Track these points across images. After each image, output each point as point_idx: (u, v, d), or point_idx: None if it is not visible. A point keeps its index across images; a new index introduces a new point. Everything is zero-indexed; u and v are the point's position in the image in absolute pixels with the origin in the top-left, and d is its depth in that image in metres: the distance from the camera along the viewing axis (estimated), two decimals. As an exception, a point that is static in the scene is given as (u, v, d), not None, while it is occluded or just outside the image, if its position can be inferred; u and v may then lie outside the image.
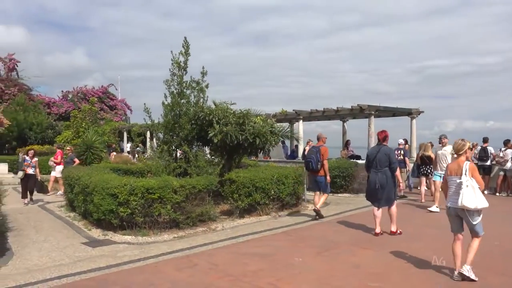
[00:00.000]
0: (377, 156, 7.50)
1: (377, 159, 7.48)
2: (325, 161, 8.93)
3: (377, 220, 7.60)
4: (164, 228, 7.74)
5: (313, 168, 8.97)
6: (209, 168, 10.53)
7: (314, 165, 8.91)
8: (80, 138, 15.68)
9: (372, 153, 7.66)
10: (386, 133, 7.77)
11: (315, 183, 9.22)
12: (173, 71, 10.67)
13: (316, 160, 8.87)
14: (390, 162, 7.44)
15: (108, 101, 36.20)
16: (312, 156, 8.97)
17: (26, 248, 6.85)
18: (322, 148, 9.01)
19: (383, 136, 7.72)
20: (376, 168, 7.51)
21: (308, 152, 9.33)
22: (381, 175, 7.44)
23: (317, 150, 9.00)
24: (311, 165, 8.95)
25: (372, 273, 5.38)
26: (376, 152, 7.58)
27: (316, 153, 8.92)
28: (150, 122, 11.19)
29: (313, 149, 9.20)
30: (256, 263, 5.80)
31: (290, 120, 19.04)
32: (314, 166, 8.92)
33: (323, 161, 8.89)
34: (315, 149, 9.10)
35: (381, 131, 7.84)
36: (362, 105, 14.50)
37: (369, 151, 7.93)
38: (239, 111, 10.45)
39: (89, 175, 8.78)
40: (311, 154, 9.03)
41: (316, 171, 8.98)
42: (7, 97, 28.99)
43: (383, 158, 7.45)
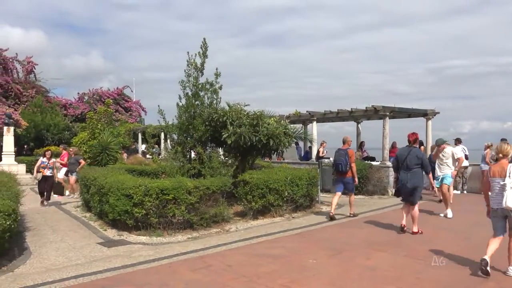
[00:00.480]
0: (407, 157, 7.77)
1: (407, 160, 7.76)
2: (353, 163, 9.36)
3: (405, 215, 7.98)
4: (178, 229, 7.79)
5: (342, 170, 9.34)
6: (223, 169, 10.57)
7: (343, 167, 9.28)
8: (95, 139, 15.83)
9: (403, 154, 7.92)
10: (416, 135, 8.11)
11: (343, 184, 9.53)
12: (188, 72, 10.73)
13: (345, 162, 9.25)
14: (422, 164, 7.77)
15: (123, 103, 36.57)
16: (341, 158, 9.32)
17: (44, 247, 6.97)
18: (350, 150, 9.46)
19: (414, 138, 8.00)
20: (406, 169, 7.79)
21: (337, 155, 9.56)
22: (411, 175, 7.74)
23: (345, 152, 9.35)
24: (341, 167, 9.31)
25: (387, 276, 5.33)
26: (406, 153, 7.85)
27: (344, 156, 9.29)
28: (164, 123, 11.27)
29: (341, 152, 9.46)
30: (270, 265, 5.80)
31: (304, 121, 18.98)
32: (343, 168, 9.29)
33: (351, 163, 9.29)
34: (343, 151, 9.40)
35: (411, 133, 8.04)
36: (376, 106, 14.37)
37: (399, 152, 8.19)
38: (252, 112, 10.47)
39: (104, 176, 8.89)
40: (340, 157, 9.35)
41: (345, 172, 9.36)
42: (25, 99, 29.49)
43: (414, 160, 7.73)
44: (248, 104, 10.76)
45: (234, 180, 9.47)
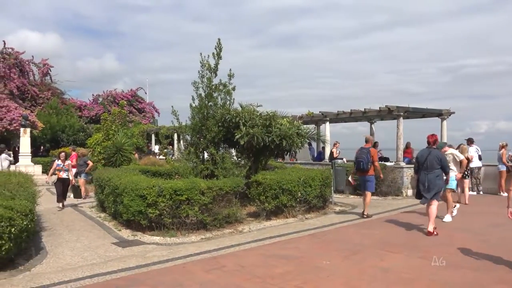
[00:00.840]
0: (427, 158, 7.86)
1: (427, 161, 7.85)
2: (376, 162, 9.65)
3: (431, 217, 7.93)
4: (192, 229, 7.83)
5: (363, 168, 9.51)
6: (236, 170, 10.60)
7: (364, 165, 9.46)
8: (110, 140, 16.02)
9: (423, 155, 8.02)
10: (436, 137, 8.21)
11: (364, 182, 9.73)
12: (201, 73, 10.76)
13: (366, 160, 9.44)
14: (441, 165, 7.86)
15: (137, 104, 36.95)
16: (363, 156, 9.51)
17: (59, 247, 7.06)
18: (372, 149, 9.70)
19: (434, 140, 8.10)
20: (426, 170, 7.87)
21: (358, 153, 9.72)
22: (431, 176, 7.83)
23: (367, 151, 9.57)
24: (362, 165, 9.49)
25: (402, 277, 5.27)
26: (426, 154, 7.93)
27: (366, 154, 9.50)
28: (177, 124, 11.32)
29: (363, 150, 9.66)
30: (283, 266, 5.78)
31: (317, 121, 18.91)
32: (364, 166, 9.47)
33: (374, 162, 9.55)
34: (365, 150, 9.62)
35: (431, 134, 8.15)
36: (390, 106, 14.24)
37: (419, 154, 8.28)
38: (265, 113, 10.48)
39: (119, 176, 8.97)
40: (362, 155, 9.54)
41: (366, 171, 9.54)
42: (41, 101, 30.00)
43: (434, 161, 7.82)
44: (260, 104, 10.78)
45: (247, 181, 9.48)
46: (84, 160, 13.50)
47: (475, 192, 13.68)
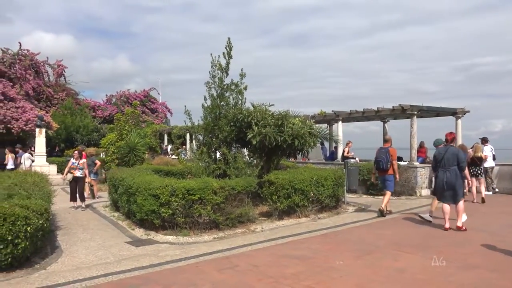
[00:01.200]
0: (445, 156, 7.99)
1: (445, 158, 7.98)
2: (394, 161, 9.72)
3: (446, 216, 8.00)
4: (204, 229, 7.86)
5: (383, 167, 9.65)
6: (248, 169, 10.59)
7: (384, 164, 9.60)
8: (123, 140, 16.15)
9: (440, 153, 8.14)
10: (454, 135, 8.37)
11: (384, 181, 9.88)
12: (212, 73, 10.79)
13: (386, 160, 9.58)
14: (458, 161, 7.92)
15: (150, 104, 37.23)
16: (382, 156, 9.65)
17: (74, 246, 7.15)
18: (391, 149, 9.77)
19: (452, 137, 8.25)
20: (444, 168, 7.99)
21: (378, 153, 9.85)
22: (449, 174, 7.92)
23: (386, 151, 9.70)
24: (382, 164, 9.63)
25: (417, 279, 5.21)
26: (444, 152, 8.06)
27: (385, 154, 9.64)
28: (190, 124, 11.36)
29: (382, 150, 9.80)
30: (296, 266, 5.77)
31: (329, 121, 18.82)
32: (384, 165, 9.60)
33: (392, 161, 9.63)
34: (384, 149, 9.75)
35: (449, 132, 8.32)
36: (404, 105, 14.10)
37: (437, 152, 8.35)
38: (277, 112, 10.46)
39: (132, 176, 9.04)
40: (381, 155, 9.68)
41: (386, 170, 9.67)
42: (55, 102, 30.40)
43: (451, 158, 7.93)
44: (272, 104, 10.76)
45: (259, 181, 9.47)
46: (92, 159, 13.53)
47: (491, 192, 13.48)
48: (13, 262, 5.69)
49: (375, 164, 10.05)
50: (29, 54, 28.61)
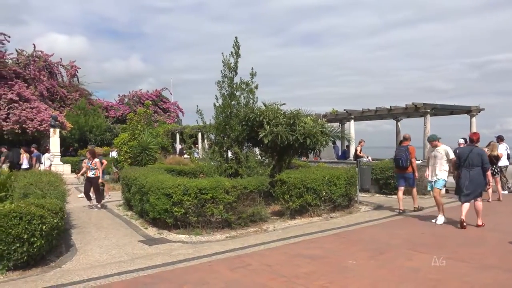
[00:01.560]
0: (469, 156, 8.10)
1: (469, 158, 8.09)
2: (413, 159, 9.89)
3: (464, 211, 8.09)
4: (217, 228, 7.88)
5: (402, 165, 9.84)
6: (260, 169, 10.59)
7: (403, 162, 9.79)
8: (136, 140, 16.27)
9: (464, 152, 8.25)
10: (478, 135, 8.49)
11: (403, 179, 10.05)
12: (224, 73, 10.81)
13: (405, 158, 9.77)
14: (482, 162, 8.04)
15: (162, 104, 37.45)
16: (401, 154, 9.84)
17: (88, 244, 7.23)
18: (410, 147, 9.95)
19: (477, 138, 8.41)
20: (468, 167, 8.11)
21: (397, 151, 10.07)
22: (473, 173, 8.03)
23: (405, 149, 9.89)
24: (401, 162, 9.82)
25: (431, 279, 5.15)
26: (468, 152, 8.18)
27: (405, 152, 9.83)
28: (202, 123, 11.40)
29: (401, 148, 10.04)
30: (309, 265, 5.75)
31: (341, 120, 18.73)
32: (403, 163, 9.80)
33: (411, 159, 9.81)
34: (404, 148, 9.97)
35: (474, 132, 8.57)
36: (417, 103, 13.97)
37: (461, 151, 8.48)
38: (289, 111, 10.44)
39: (145, 175, 9.10)
40: (401, 153, 9.88)
41: (405, 168, 9.86)
42: (69, 102, 30.78)
43: (476, 158, 8.04)
44: (284, 103, 10.75)
45: (271, 180, 9.46)
46: (99, 159, 13.46)
47: (506, 191, 13.27)
48: (29, 260, 5.78)
49: (394, 162, 10.24)
50: (43, 55, 29.01)
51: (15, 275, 5.54)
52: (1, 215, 5.51)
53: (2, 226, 5.47)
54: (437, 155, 8.83)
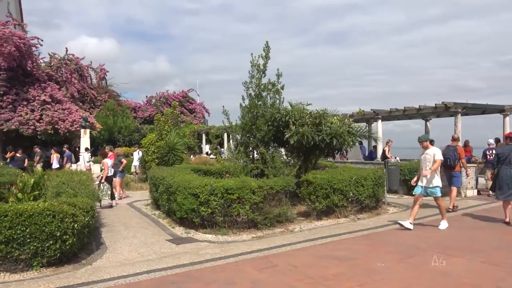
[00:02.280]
0: (510, 155, 8.49)
1: (510, 157, 8.48)
2: (462, 159, 10.28)
3: (507, 211, 8.44)
4: (243, 228, 7.90)
5: (451, 164, 10.17)
6: (286, 169, 10.56)
7: (452, 162, 10.14)
8: (163, 140, 16.51)
9: (504, 152, 8.65)
10: None
11: (451, 178, 10.33)
12: (252, 73, 10.83)
13: (454, 157, 10.15)
14: None
15: (188, 105, 37.94)
16: (450, 154, 10.18)
17: (118, 243, 7.38)
18: (459, 147, 10.38)
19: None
20: (508, 165, 8.46)
21: (446, 151, 10.25)
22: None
23: (454, 148, 10.27)
24: (449, 162, 10.13)
25: (463, 283, 5.00)
26: (509, 151, 8.57)
27: (453, 151, 10.21)
28: (228, 124, 11.46)
29: (450, 148, 10.37)
30: (336, 267, 5.68)
31: (368, 120, 18.46)
32: (452, 162, 10.15)
33: (461, 159, 10.20)
34: (452, 147, 10.33)
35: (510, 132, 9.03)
36: (447, 102, 13.61)
37: (500, 150, 8.91)
38: (315, 111, 10.37)
39: (172, 175, 9.22)
40: (449, 152, 10.20)
41: (453, 167, 10.21)
42: (99, 103, 31.57)
43: None
44: (310, 103, 10.70)
45: (297, 180, 9.41)
46: (119, 159, 13.59)
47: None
48: (61, 258, 5.95)
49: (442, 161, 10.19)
50: (75, 58, 29.84)
51: (48, 272, 5.71)
52: (36, 213, 5.70)
53: (37, 223, 5.66)
54: (427, 157, 8.26)
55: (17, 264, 5.69)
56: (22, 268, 5.69)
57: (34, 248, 5.67)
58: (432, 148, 8.42)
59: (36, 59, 23.84)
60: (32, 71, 22.94)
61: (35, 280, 5.38)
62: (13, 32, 21.36)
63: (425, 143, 8.42)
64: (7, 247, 5.59)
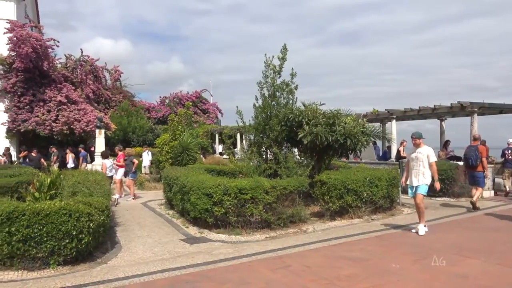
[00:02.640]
0: None
1: None
2: (484, 158, 10.25)
3: None
4: (256, 228, 7.90)
5: (472, 164, 10.28)
6: (299, 169, 10.53)
7: (473, 161, 10.22)
8: (176, 140, 16.60)
9: None
10: None
11: (473, 178, 10.45)
12: (265, 73, 10.83)
13: (475, 157, 10.19)
14: None
15: (201, 105, 38.10)
16: (471, 154, 10.26)
17: (132, 242, 7.45)
18: (480, 146, 10.37)
19: None
20: None
21: (467, 150, 10.46)
22: None
23: (475, 148, 10.31)
24: (471, 161, 10.27)
25: (480, 285, 4.93)
26: None
27: (475, 151, 10.24)
28: (242, 124, 11.47)
29: (471, 148, 10.42)
30: (350, 268, 5.65)
31: (382, 119, 18.30)
32: (473, 162, 10.23)
33: (482, 158, 10.17)
34: (474, 147, 10.38)
35: None
36: (463, 102, 13.42)
37: None
38: (329, 111, 10.32)
39: (186, 175, 9.27)
40: (471, 152, 10.30)
41: (475, 167, 10.25)
42: (113, 104, 31.90)
43: None
44: (323, 103, 10.65)
45: (311, 180, 9.38)
46: (130, 159, 13.63)
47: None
48: (77, 256, 6.03)
49: (464, 161, 10.65)
50: (90, 60, 30.21)
51: (64, 270, 5.80)
52: (52, 212, 5.79)
53: (53, 222, 5.75)
54: (418, 156, 7.87)
55: (34, 262, 5.79)
56: (39, 266, 5.79)
57: (51, 246, 5.76)
58: (424, 148, 7.96)
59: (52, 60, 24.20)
60: (49, 72, 23.30)
61: (51, 278, 5.47)
62: (30, 33, 21.73)
63: (417, 140, 7.99)
64: (25, 246, 5.69)
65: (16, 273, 5.67)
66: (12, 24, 21.50)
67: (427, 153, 7.83)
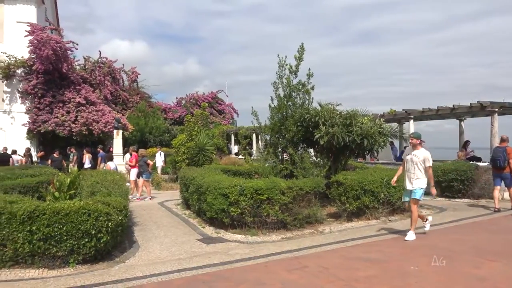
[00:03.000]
0: None
1: None
2: (511, 160, 10.14)
3: None
4: (272, 229, 7.89)
5: (500, 165, 10.26)
6: (315, 170, 10.48)
7: (501, 163, 10.21)
8: (193, 141, 16.71)
9: None
10: None
11: (500, 179, 10.43)
12: (280, 74, 10.82)
13: (503, 158, 10.19)
14: None
15: (217, 106, 38.23)
16: (499, 155, 10.26)
17: (149, 242, 7.52)
18: (508, 148, 10.28)
19: None
20: None
21: (495, 152, 10.50)
22: None
23: (503, 150, 10.28)
24: (499, 163, 10.25)
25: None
26: None
27: (502, 153, 10.24)
28: (257, 124, 11.48)
29: (499, 149, 10.42)
30: (368, 269, 5.59)
31: (399, 120, 18.07)
32: (501, 164, 10.21)
33: (509, 159, 10.13)
34: (501, 149, 10.34)
35: None
36: (483, 102, 13.16)
37: None
38: (345, 111, 10.25)
39: (202, 175, 9.32)
40: (499, 154, 10.30)
41: (503, 168, 10.25)
42: (131, 105, 32.26)
43: None
44: (340, 103, 10.57)
45: (327, 181, 9.32)
46: (144, 160, 13.65)
47: None
48: (96, 255, 6.13)
49: (491, 162, 10.64)
50: (107, 61, 30.62)
51: (83, 269, 5.89)
52: (72, 211, 5.90)
53: (73, 221, 5.85)
54: (414, 159, 7.46)
55: (54, 261, 5.90)
56: (59, 265, 5.90)
57: (70, 245, 5.87)
58: (421, 150, 7.54)
59: (71, 62, 24.60)
60: (68, 74, 23.70)
61: (71, 276, 5.56)
62: (50, 36, 22.14)
63: (414, 140, 7.59)
64: (45, 244, 5.81)
65: (37, 271, 5.79)
66: (32, 27, 21.94)
67: (424, 157, 7.39)
